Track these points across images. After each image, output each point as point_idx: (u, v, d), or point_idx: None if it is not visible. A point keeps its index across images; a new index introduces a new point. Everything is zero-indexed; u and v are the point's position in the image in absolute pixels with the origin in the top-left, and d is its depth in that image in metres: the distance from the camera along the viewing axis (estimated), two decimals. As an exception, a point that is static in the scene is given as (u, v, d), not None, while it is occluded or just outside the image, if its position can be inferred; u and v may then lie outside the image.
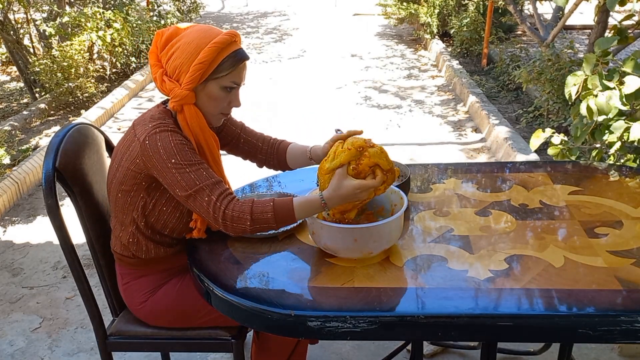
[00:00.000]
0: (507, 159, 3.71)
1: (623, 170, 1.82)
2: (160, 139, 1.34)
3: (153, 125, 1.37)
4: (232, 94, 1.45)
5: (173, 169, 1.33)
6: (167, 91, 1.40)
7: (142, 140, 1.36)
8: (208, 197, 1.33)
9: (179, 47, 1.38)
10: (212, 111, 1.45)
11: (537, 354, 2.06)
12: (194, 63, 1.35)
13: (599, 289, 1.20)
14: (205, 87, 1.40)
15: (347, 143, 1.35)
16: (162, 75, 1.41)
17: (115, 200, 1.48)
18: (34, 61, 5.16)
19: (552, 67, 3.75)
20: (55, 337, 2.34)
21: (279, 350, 1.66)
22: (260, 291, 1.27)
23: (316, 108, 5.20)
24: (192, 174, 1.34)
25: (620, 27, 2.52)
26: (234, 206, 1.32)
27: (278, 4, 11.96)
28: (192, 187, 1.33)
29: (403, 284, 1.26)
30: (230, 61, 1.39)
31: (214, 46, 1.35)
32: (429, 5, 7.06)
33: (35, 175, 3.80)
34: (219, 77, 1.39)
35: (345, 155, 1.32)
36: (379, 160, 1.33)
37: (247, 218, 1.32)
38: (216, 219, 1.33)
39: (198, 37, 1.37)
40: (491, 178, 1.81)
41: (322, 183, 1.37)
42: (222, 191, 1.34)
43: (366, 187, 1.32)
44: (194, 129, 1.42)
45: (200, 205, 1.34)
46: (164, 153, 1.34)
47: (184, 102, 1.39)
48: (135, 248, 1.50)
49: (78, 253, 1.53)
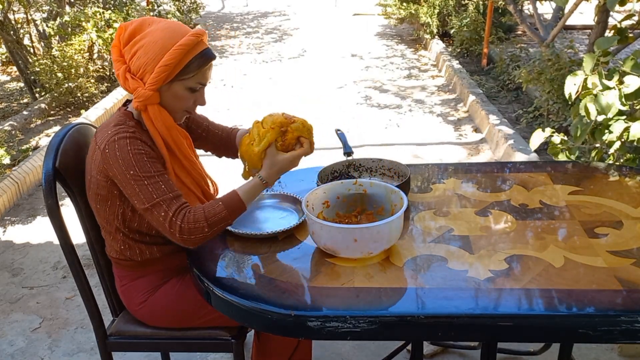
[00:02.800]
0: (507, 159, 3.71)
1: (623, 170, 1.82)
2: (119, 148, 1.33)
3: (112, 132, 1.35)
4: (198, 93, 1.44)
5: (131, 180, 1.32)
6: (130, 89, 1.37)
7: (102, 149, 1.35)
8: (165, 212, 1.32)
9: (143, 45, 1.34)
10: (177, 109, 1.44)
11: (537, 354, 2.06)
12: (159, 65, 1.32)
13: (599, 289, 1.20)
14: (171, 88, 1.38)
15: (267, 122, 1.44)
16: (125, 72, 1.38)
17: (97, 212, 1.48)
18: (34, 61, 5.16)
19: (552, 67, 3.75)
20: (55, 337, 2.34)
21: (279, 351, 1.66)
22: (260, 291, 1.27)
23: (316, 108, 5.19)
24: (150, 186, 1.33)
25: (620, 27, 2.52)
26: (188, 219, 1.32)
27: (278, 3, 11.96)
28: (149, 200, 1.32)
29: (403, 284, 1.26)
30: (197, 63, 1.37)
31: (180, 48, 1.32)
32: (429, 5, 7.06)
33: (35, 175, 3.80)
34: (185, 79, 1.38)
35: (271, 135, 1.42)
36: (302, 133, 1.45)
37: (203, 225, 1.32)
38: (173, 234, 1.33)
39: (164, 36, 1.33)
40: (491, 178, 1.81)
41: (254, 163, 1.44)
42: (179, 205, 1.34)
43: (298, 157, 1.44)
44: (160, 128, 1.40)
45: (157, 220, 1.33)
46: (122, 164, 1.32)
47: (148, 103, 1.37)
48: (129, 253, 1.50)
49: (78, 253, 1.53)
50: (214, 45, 8.08)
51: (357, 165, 1.79)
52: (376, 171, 1.78)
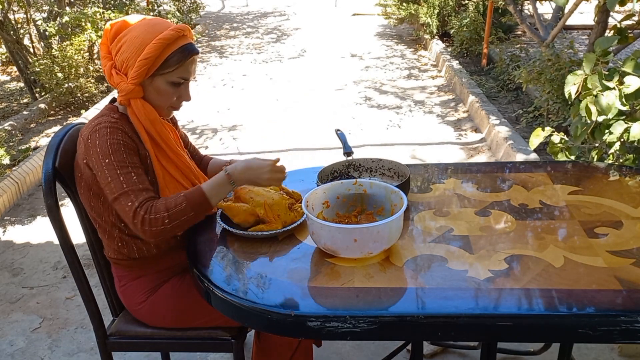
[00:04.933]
0: (507, 159, 3.71)
1: (623, 170, 1.82)
2: (99, 137, 1.35)
3: (95, 123, 1.38)
4: (182, 89, 1.46)
5: (105, 169, 1.34)
6: (114, 84, 1.41)
7: (85, 139, 1.37)
8: (131, 202, 1.33)
9: (125, 41, 1.38)
10: (161, 105, 1.46)
11: (537, 354, 2.06)
12: (139, 59, 1.36)
13: (599, 289, 1.20)
14: (153, 82, 1.41)
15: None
16: (111, 68, 1.42)
17: (91, 209, 1.48)
18: (34, 61, 5.16)
19: (552, 67, 3.75)
20: (55, 337, 2.34)
21: (280, 351, 1.66)
22: (261, 291, 1.27)
23: (316, 108, 5.20)
24: (122, 176, 1.34)
25: (620, 27, 2.52)
26: (150, 210, 1.32)
27: (278, 4, 11.97)
28: (119, 190, 1.33)
29: (403, 284, 1.26)
30: (177, 57, 1.39)
31: (159, 42, 1.35)
32: (429, 5, 7.06)
33: (35, 175, 3.80)
34: (166, 73, 1.40)
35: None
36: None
37: (163, 216, 1.32)
38: (136, 225, 1.33)
39: (144, 31, 1.38)
40: (491, 178, 1.81)
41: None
42: (146, 198, 1.34)
43: (270, 164, 1.45)
44: (144, 122, 1.42)
45: (123, 210, 1.34)
46: (100, 152, 1.34)
47: (131, 97, 1.40)
48: (126, 250, 1.51)
49: (78, 253, 1.53)
50: (214, 45, 8.09)
51: (357, 165, 1.79)
52: (376, 171, 1.78)
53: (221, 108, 5.23)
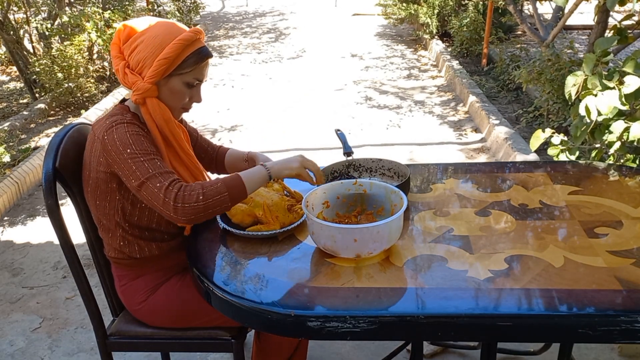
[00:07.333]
0: (507, 159, 3.71)
1: (623, 170, 1.82)
2: (117, 132, 1.36)
3: (110, 121, 1.38)
4: (194, 90, 1.47)
5: (129, 159, 1.34)
6: (129, 84, 1.41)
7: (101, 138, 1.37)
8: (160, 183, 1.32)
9: (143, 40, 1.39)
10: (174, 105, 1.46)
11: (537, 354, 2.06)
12: (158, 58, 1.37)
13: (599, 289, 1.20)
14: (168, 82, 1.41)
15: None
16: (124, 67, 1.42)
17: (95, 209, 1.48)
18: (34, 61, 5.15)
19: (552, 67, 3.75)
20: (55, 337, 2.34)
21: (279, 351, 1.66)
22: (260, 291, 1.27)
23: (316, 108, 5.20)
24: (147, 162, 1.34)
25: (620, 27, 2.52)
26: (185, 188, 1.32)
27: (278, 4, 11.96)
28: (144, 174, 1.33)
29: (403, 284, 1.26)
30: (194, 58, 1.41)
31: (179, 42, 1.37)
32: (429, 5, 7.06)
33: (35, 175, 3.80)
34: (182, 73, 1.41)
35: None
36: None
37: (198, 192, 1.31)
38: (167, 202, 1.30)
39: (163, 32, 1.39)
40: (491, 178, 1.81)
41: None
42: (175, 179, 1.35)
43: (308, 161, 1.49)
44: (159, 121, 1.43)
45: (152, 192, 1.32)
46: (120, 144, 1.34)
47: (147, 95, 1.40)
48: (128, 250, 1.51)
49: (78, 253, 1.53)
50: (214, 45, 8.08)
51: (357, 165, 1.79)
52: (376, 171, 1.78)
53: (221, 108, 5.23)
